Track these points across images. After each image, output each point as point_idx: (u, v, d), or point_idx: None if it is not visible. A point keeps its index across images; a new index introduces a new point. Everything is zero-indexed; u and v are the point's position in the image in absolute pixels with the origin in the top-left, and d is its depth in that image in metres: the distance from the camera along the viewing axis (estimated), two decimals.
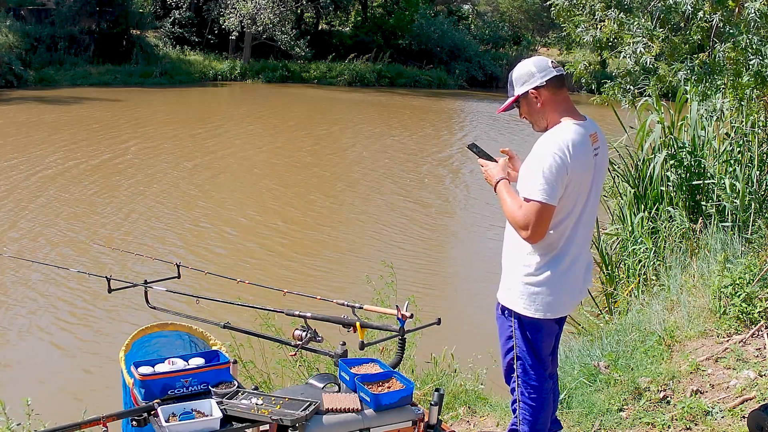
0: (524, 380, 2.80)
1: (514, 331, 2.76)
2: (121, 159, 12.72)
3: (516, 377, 2.80)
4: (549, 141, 2.61)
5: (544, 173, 2.54)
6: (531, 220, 2.55)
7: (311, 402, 2.37)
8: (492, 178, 2.77)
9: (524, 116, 2.78)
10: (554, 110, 2.69)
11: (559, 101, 2.69)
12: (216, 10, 26.25)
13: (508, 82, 2.78)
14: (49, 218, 9.15)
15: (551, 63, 2.70)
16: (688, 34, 5.36)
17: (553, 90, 2.67)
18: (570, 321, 5.56)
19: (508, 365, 2.83)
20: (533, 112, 2.72)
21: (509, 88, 2.75)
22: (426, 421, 2.50)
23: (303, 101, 22.14)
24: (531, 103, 2.69)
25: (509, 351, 2.80)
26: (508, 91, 2.76)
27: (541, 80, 2.66)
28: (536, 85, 2.66)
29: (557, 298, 2.69)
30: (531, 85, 2.67)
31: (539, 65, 2.68)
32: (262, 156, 13.99)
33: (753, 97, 5.51)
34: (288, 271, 7.85)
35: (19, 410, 3.15)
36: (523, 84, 2.69)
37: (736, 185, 5.54)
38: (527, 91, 2.68)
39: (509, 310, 2.75)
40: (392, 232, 9.32)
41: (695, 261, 5.10)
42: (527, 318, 2.71)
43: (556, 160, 2.54)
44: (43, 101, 18.88)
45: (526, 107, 2.72)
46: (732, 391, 3.69)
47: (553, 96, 2.68)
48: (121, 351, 2.81)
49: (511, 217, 2.64)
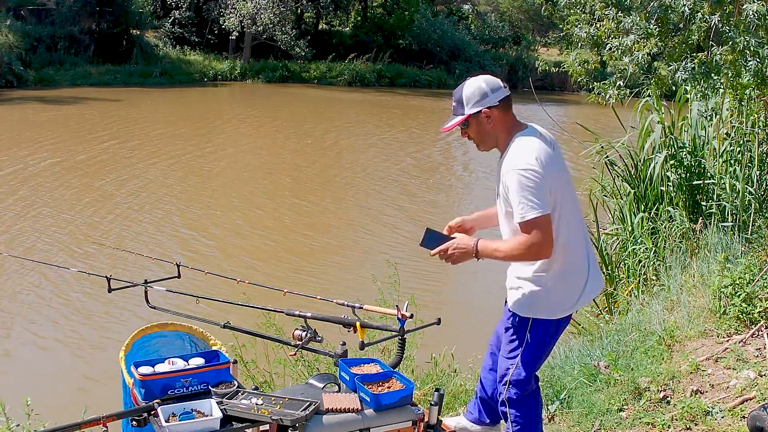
0: (521, 385, 2.82)
1: (527, 338, 2.77)
2: (121, 159, 12.72)
3: (508, 382, 2.81)
4: (515, 162, 2.58)
5: (530, 188, 2.53)
6: (538, 240, 2.53)
7: (311, 402, 2.37)
8: (467, 248, 2.64)
9: (470, 136, 2.72)
10: (504, 130, 2.68)
11: (508, 121, 2.68)
12: (216, 10, 26.25)
13: (455, 100, 2.69)
14: (48, 218, 9.15)
15: (502, 83, 2.68)
16: (687, 34, 5.37)
17: (503, 110, 2.66)
18: (570, 321, 5.56)
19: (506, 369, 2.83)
20: (483, 132, 2.68)
21: (457, 107, 2.68)
22: (426, 421, 2.50)
23: (303, 101, 22.14)
24: (482, 122, 2.66)
25: (514, 356, 2.80)
26: (455, 110, 2.69)
27: (494, 100, 2.63)
28: (489, 105, 2.63)
29: (570, 296, 2.74)
30: (484, 105, 2.63)
31: (492, 84, 2.65)
32: (262, 156, 13.99)
33: (753, 97, 5.51)
34: (288, 270, 7.85)
35: (19, 410, 3.15)
36: (476, 103, 2.64)
37: (736, 185, 5.54)
38: (480, 110, 2.64)
39: (524, 318, 2.76)
40: (392, 232, 9.32)
41: (695, 261, 5.10)
42: (542, 320, 2.74)
43: (531, 175, 2.53)
44: (42, 101, 18.88)
45: (476, 127, 2.68)
46: (732, 391, 3.69)
47: (504, 116, 2.66)
48: (121, 351, 2.81)
49: (518, 252, 2.59)
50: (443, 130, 2.75)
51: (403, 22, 30.03)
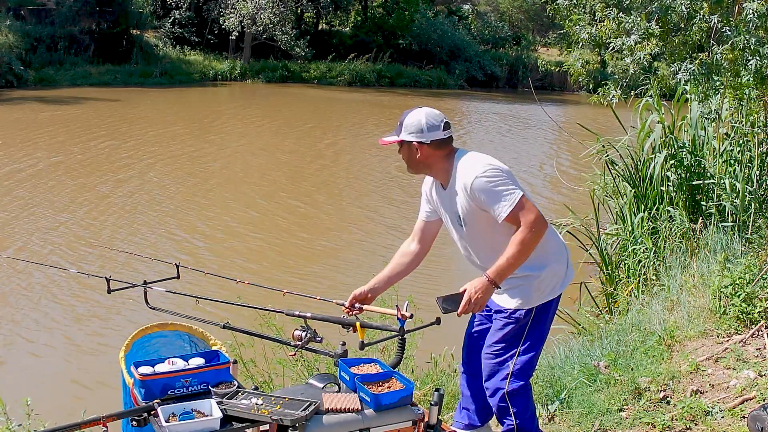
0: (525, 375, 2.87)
1: (529, 327, 2.82)
2: (119, 159, 12.72)
3: (511, 373, 2.84)
4: (472, 172, 2.67)
5: (499, 182, 2.65)
6: (533, 215, 2.62)
7: (311, 402, 2.37)
8: (483, 286, 2.65)
9: (404, 158, 2.84)
10: (438, 161, 2.79)
11: (441, 155, 2.78)
12: (216, 10, 26.25)
13: (400, 121, 2.81)
14: (47, 218, 9.15)
15: (443, 123, 2.75)
16: (687, 34, 5.37)
17: (436, 147, 2.75)
18: (570, 321, 5.56)
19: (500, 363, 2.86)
20: (411, 159, 2.80)
21: (398, 128, 2.80)
22: (426, 421, 2.50)
23: (303, 101, 22.15)
24: (412, 151, 2.78)
25: (512, 349, 2.83)
26: (396, 129, 2.81)
27: (426, 139, 2.74)
28: (420, 141, 2.74)
29: (562, 270, 2.87)
30: (416, 139, 2.75)
31: (431, 123, 2.74)
32: (261, 156, 13.99)
33: (753, 97, 5.52)
34: (286, 271, 7.85)
35: (19, 410, 3.15)
36: (410, 134, 2.76)
37: (736, 185, 5.54)
38: (411, 141, 2.76)
39: (528, 310, 2.81)
40: (392, 232, 9.31)
41: (695, 261, 5.10)
42: (543, 305, 2.82)
43: (493, 172, 2.66)
44: (42, 101, 18.89)
45: (407, 152, 2.80)
46: (732, 391, 3.69)
47: (435, 152, 2.76)
48: (121, 351, 2.81)
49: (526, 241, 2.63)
50: (380, 142, 2.91)
51: (403, 22, 30.03)
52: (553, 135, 17.65)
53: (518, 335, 2.83)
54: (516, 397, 2.86)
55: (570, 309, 5.81)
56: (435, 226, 3.04)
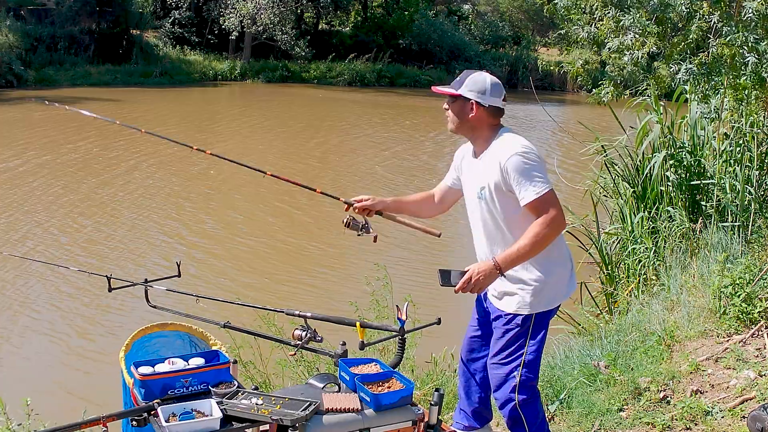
0: (532, 384, 2.84)
1: (530, 335, 2.79)
2: (118, 159, 12.72)
3: (519, 383, 2.80)
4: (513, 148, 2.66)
5: (535, 167, 2.63)
6: (556, 212, 2.61)
7: (311, 402, 2.37)
8: (488, 269, 2.62)
9: (450, 112, 2.80)
10: (486, 128, 2.78)
11: (491, 124, 2.78)
12: (216, 10, 26.24)
13: (461, 76, 2.80)
14: (47, 217, 9.15)
15: (504, 96, 2.79)
16: (686, 34, 5.37)
17: (489, 114, 2.76)
18: (570, 321, 5.56)
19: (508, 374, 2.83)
20: (461, 117, 2.78)
21: (457, 83, 2.77)
22: (426, 421, 2.50)
23: (303, 101, 22.14)
24: (465, 109, 2.76)
25: (517, 359, 2.81)
26: (455, 83, 2.78)
27: (485, 102, 2.74)
28: (479, 102, 2.73)
29: (564, 280, 2.84)
30: (475, 98, 2.74)
31: (495, 89, 2.75)
32: (260, 157, 13.98)
33: (753, 97, 5.52)
34: (287, 272, 7.85)
35: (19, 410, 3.15)
36: (471, 91, 2.74)
37: (736, 185, 5.54)
38: (470, 99, 2.74)
39: (527, 316, 2.77)
40: (392, 232, 9.31)
41: (695, 261, 5.10)
42: (543, 313, 2.79)
43: (533, 156, 2.65)
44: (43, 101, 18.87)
45: (459, 109, 2.78)
46: (732, 391, 3.69)
47: (487, 118, 2.76)
48: (121, 351, 2.81)
49: (543, 234, 2.61)
50: (433, 89, 2.88)
51: (403, 22, 30.03)
52: (553, 135, 17.65)
53: (521, 342, 2.80)
54: (527, 406, 2.83)
55: (570, 309, 5.82)
56: (455, 195, 3.06)
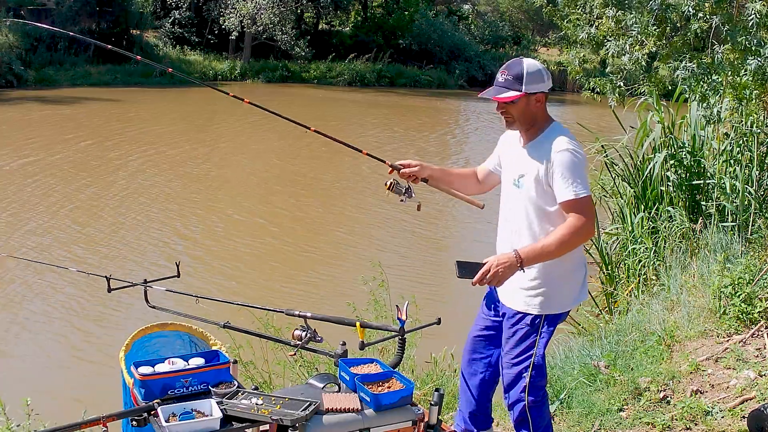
0: (541, 385, 2.84)
1: (540, 336, 2.78)
2: (118, 158, 12.71)
3: (527, 387, 2.80)
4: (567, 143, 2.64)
5: (581, 169, 2.61)
6: (587, 218, 2.58)
7: (311, 402, 2.36)
8: (509, 261, 2.53)
9: (510, 113, 2.71)
10: (543, 116, 2.74)
11: (545, 110, 2.76)
12: (216, 10, 26.23)
13: (511, 74, 2.67)
14: (46, 217, 9.15)
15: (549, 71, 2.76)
16: (687, 34, 5.37)
17: (546, 98, 2.74)
18: (570, 321, 5.56)
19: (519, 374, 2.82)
20: (528, 113, 2.70)
21: (512, 82, 2.66)
22: (426, 421, 2.49)
23: (303, 101, 22.14)
24: (531, 103, 2.69)
25: (527, 359, 2.79)
26: (509, 83, 2.67)
27: (547, 87, 2.71)
28: (544, 90, 2.70)
29: (578, 286, 2.82)
30: (541, 89, 2.68)
31: (546, 72, 2.71)
32: (259, 157, 13.98)
33: (752, 97, 5.52)
34: (287, 272, 7.84)
35: (19, 410, 3.15)
36: (534, 84, 2.66)
37: (736, 185, 5.54)
38: (536, 92, 2.68)
39: (537, 317, 2.76)
40: (392, 232, 9.31)
41: (695, 261, 5.10)
42: (554, 315, 2.78)
43: (582, 158, 2.63)
44: (42, 101, 18.88)
45: (525, 106, 2.68)
46: (732, 391, 3.69)
47: (545, 103, 2.75)
48: (121, 351, 2.81)
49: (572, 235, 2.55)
50: (495, 99, 2.70)
51: (403, 22, 30.01)
52: None
53: (531, 342, 2.78)
54: (536, 409, 2.82)
55: None
56: (495, 180, 3.02)
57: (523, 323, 2.78)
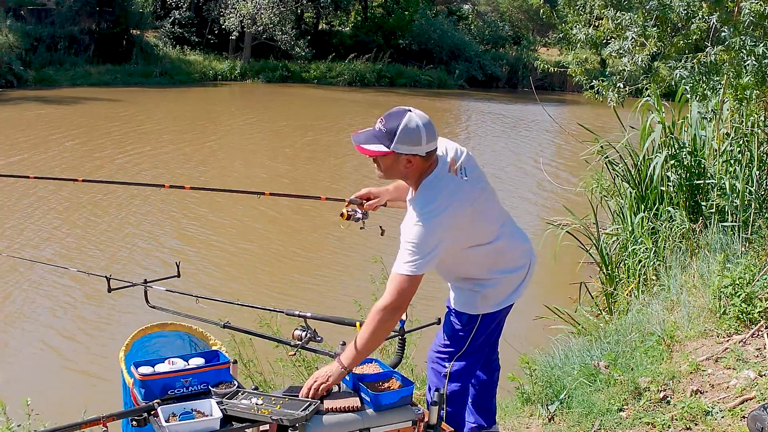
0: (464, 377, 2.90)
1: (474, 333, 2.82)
2: (118, 158, 12.72)
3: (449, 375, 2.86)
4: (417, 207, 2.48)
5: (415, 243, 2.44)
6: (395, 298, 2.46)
7: (311, 402, 2.37)
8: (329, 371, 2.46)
9: (379, 165, 2.55)
10: (417, 175, 2.54)
11: (425, 167, 2.53)
12: (216, 10, 26.23)
13: (385, 126, 2.46)
14: (46, 217, 9.15)
15: (436, 135, 2.51)
16: (686, 34, 5.37)
17: (426, 159, 2.51)
18: (570, 321, 5.57)
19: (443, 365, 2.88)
20: (394, 170, 2.54)
21: (384, 136, 2.45)
22: (426, 421, 2.50)
23: (303, 101, 22.14)
24: (400, 163, 2.49)
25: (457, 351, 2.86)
26: (380, 136, 2.46)
27: (423, 150, 2.47)
28: (416, 153, 2.47)
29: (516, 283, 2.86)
30: (413, 151, 2.46)
31: (429, 133, 2.45)
32: (261, 156, 13.99)
33: (753, 97, 5.52)
34: (287, 272, 7.84)
35: (19, 410, 3.15)
36: (405, 145, 2.45)
37: (736, 185, 5.54)
38: (405, 154, 2.47)
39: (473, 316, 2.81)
40: (391, 232, 9.31)
41: (695, 261, 5.09)
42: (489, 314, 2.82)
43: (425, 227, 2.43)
44: (42, 101, 18.88)
45: (392, 164, 2.51)
46: (732, 391, 3.69)
47: (423, 163, 2.51)
48: (121, 351, 2.81)
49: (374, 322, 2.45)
50: (359, 149, 2.52)
51: (403, 22, 30.01)
52: (553, 135, 17.65)
53: (463, 338, 2.80)
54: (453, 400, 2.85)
55: (570, 309, 5.82)
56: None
57: (458, 320, 2.81)
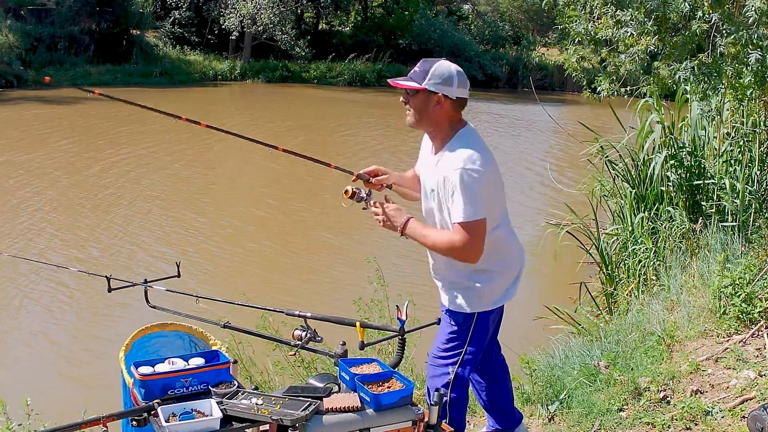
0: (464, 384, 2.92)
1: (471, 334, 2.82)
2: (118, 158, 12.72)
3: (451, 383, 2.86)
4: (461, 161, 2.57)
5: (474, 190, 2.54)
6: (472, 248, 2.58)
7: (311, 402, 2.36)
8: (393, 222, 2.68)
9: (410, 106, 2.68)
10: (447, 123, 2.67)
11: (454, 118, 2.68)
12: (216, 10, 26.22)
13: (420, 68, 2.64)
14: (46, 217, 9.15)
15: (469, 86, 2.69)
16: (687, 34, 5.37)
17: (454, 108, 2.65)
18: (570, 321, 5.57)
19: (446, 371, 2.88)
20: (424, 112, 2.65)
21: (418, 74, 2.62)
22: (426, 421, 2.50)
23: (303, 101, 22.14)
24: (430, 104, 2.63)
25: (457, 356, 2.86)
26: (415, 75, 2.64)
27: (453, 94, 2.62)
28: (447, 94, 2.61)
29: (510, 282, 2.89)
30: (442, 90, 2.61)
31: (461, 80, 2.63)
32: (261, 156, 13.98)
33: (753, 97, 5.52)
34: (287, 272, 7.84)
35: (19, 410, 3.15)
36: (436, 83, 2.60)
37: (736, 185, 5.54)
38: (436, 92, 2.61)
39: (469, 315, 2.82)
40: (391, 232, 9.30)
41: (695, 261, 5.09)
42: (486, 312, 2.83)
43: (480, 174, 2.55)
44: (42, 101, 18.88)
45: (422, 104, 2.64)
46: (732, 391, 3.69)
47: (452, 112, 2.66)
48: (121, 351, 2.81)
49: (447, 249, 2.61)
50: (390, 82, 2.71)
51: (403, 22, 30.01)
52: (553, 135, 17.64)
53: (461, 340, 2.81)
54: (454, 406, 2.85)
55: (570, 309, 5.82)
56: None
57: (455, 321, 2.81)
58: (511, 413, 3.17)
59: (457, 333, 2.81)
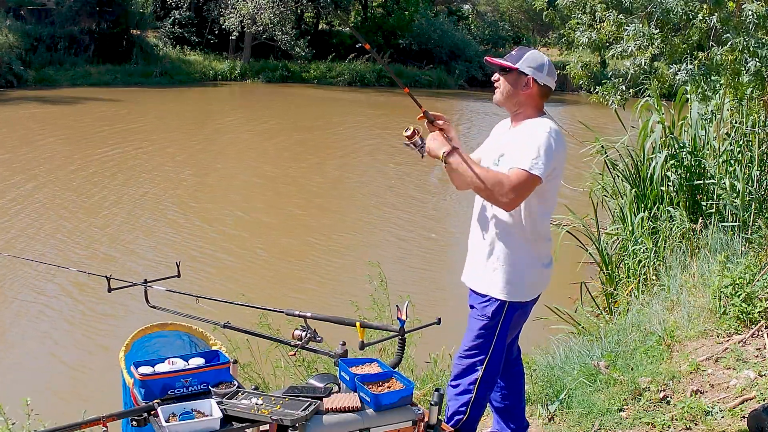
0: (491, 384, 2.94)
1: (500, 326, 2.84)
2: (118, 158, 12.71)
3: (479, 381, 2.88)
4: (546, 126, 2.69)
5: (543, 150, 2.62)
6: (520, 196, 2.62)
7: (311, 402, 2.36)
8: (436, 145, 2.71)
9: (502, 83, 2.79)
10: (532, 107, 2.79)
11: (538, 104, 2.80)
12: (216, 10, 26.24)
13: (517, 52, 2.79)
14: (46, 217, 9.15)
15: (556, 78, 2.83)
16: (687, 34, 5.37)
17: (541, 93, 2.79)
18: (570, 321, 5.56)
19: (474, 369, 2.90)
20: (513, 91, 2.77)
21: (514, 57, 2.77)
22: (426, 421, 2.49)
23: (303, 101, 22.14)
24: (519, 84, 2.76)
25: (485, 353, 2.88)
26: (510, 57, 2.78)
27: (541, 80, 2.76)
28: (536, 78, 2.74)
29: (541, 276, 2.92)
30: (533, 74, 2.74)
31: (550, 69, 2.78)
32: (261, 156, 13.98)
33: (753, 97, 5.52)
34: (287, 272, 7.84)
35: (19, 410, 3.15)
36: (529, 67, 2.74)
37: (736, 185, 5.54)
38: (527, 74, 2.74)
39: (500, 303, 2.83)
40: (391, 232, 9.32)
41: (695, 261, 5.10)
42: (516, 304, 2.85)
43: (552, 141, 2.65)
44: (42, 101, 18.88)
45: (512, 83, 2.77)
46: (732, 391, 3.69)
47: (538, 98, 2.79)
48: (120, 351, 2.81)
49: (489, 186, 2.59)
50: (486, 59, 2.87)
51: (403, 22, 30.02)
52: None
53: (489, 337, 2.81)
54: (477, 405, 2.86)
55: (570, 309, 5.81)
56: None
57: (484, 314, 2.81)
58: (519, 419, 3.15)
59: (486, 330, 2.81)
